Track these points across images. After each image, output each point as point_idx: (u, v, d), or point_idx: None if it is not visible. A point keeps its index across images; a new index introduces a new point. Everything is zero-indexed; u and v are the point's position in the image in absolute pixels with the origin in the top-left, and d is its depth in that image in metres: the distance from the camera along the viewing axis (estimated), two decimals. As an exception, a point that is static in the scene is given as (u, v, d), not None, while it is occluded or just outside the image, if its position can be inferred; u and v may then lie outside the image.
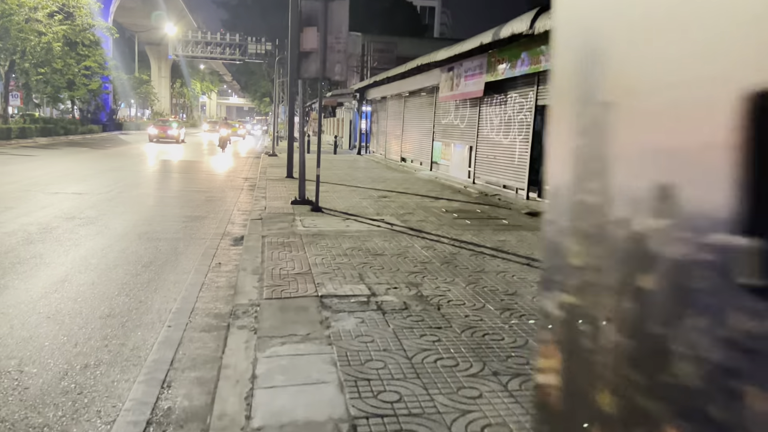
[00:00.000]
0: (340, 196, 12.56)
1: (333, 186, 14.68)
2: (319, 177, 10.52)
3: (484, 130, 15.27)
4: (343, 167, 21.44)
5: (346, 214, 10.13)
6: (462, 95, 16.15)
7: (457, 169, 17.58)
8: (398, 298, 5.12)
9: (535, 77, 12.38)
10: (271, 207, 10.70)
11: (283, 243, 7.42)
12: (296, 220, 9.23)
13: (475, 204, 12.10)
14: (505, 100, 14.01)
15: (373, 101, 30.08)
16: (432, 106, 19.84)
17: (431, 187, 15.36)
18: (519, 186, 13.18)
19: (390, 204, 11.59)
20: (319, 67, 10.13)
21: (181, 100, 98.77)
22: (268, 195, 12.57)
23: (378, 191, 13.86)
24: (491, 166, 14.76)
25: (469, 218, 10.08)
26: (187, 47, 54.46)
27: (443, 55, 15.99)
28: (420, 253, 7.05)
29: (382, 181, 16.36)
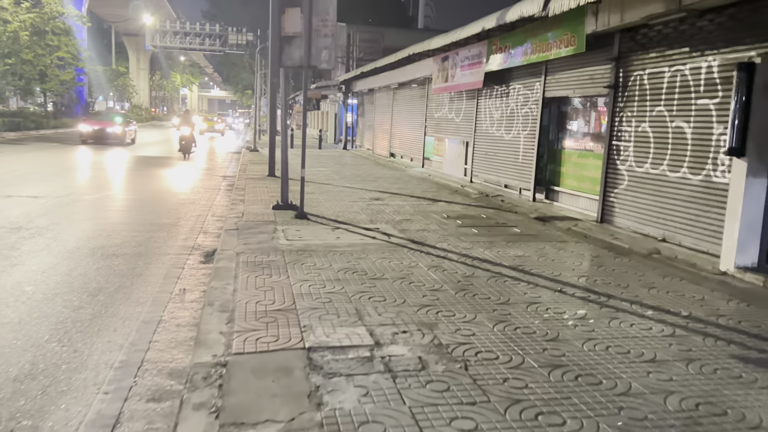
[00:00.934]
0: (328, 199, 11.32)
1: (319, 186, 13.42)
2: (304, 179, 9.26)
3: (482, 125, 14.08)
4: (330, 163, 20.17)
5: (335, 221, 8.89)
6: (458, 87, 14.95)
7: (452, 166, 16.39)
8: (410, 349, 3.91)
9: (542, 66, 11.20)
10: (249, 213, 9.43)
11: (261, 263, 6.18)
12: (278, 230, 7.98)
13: (477, 207, 10.92)
14: (507, 91, 12.82)
15: (360, 93, 28.78)
16: (424, 99, 18.62)
17: (426, 186, 14.16)
18: (524, 186, 12.02)
19: (384, 208, 10.36)
20: (303, 54, 8.86)
21: (161, 92, 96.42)
22: (246, 197, 11.29)
23: (369, 192, 12.63)
24: (491, 163, 13.59)
25: (475, 225, 8.89)
26: (165, 38, 52.52)
27: (438, 43, 14.76)
28: (427, 276, 5.85)
29: (373, 180, 15.13)
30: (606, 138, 9.13)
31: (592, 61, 9.62)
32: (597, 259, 6.96)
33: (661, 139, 7.95)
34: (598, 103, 10.04)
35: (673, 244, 7.56)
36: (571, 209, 10.41)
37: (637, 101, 8.47)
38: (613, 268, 6.49)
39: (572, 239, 8.15)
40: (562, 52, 9.97)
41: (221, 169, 19.39)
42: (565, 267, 6.46)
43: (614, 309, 4.99)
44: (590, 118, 10.36)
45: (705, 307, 5.17)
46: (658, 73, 8.07)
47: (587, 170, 10.10)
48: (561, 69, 10.60)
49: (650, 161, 8.17)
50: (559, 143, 11.15)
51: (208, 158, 24.38)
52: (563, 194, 10.88)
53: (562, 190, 10.91)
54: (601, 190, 9.18)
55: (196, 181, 15.60)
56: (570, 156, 10.70)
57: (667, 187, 7.82)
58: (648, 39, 8.28)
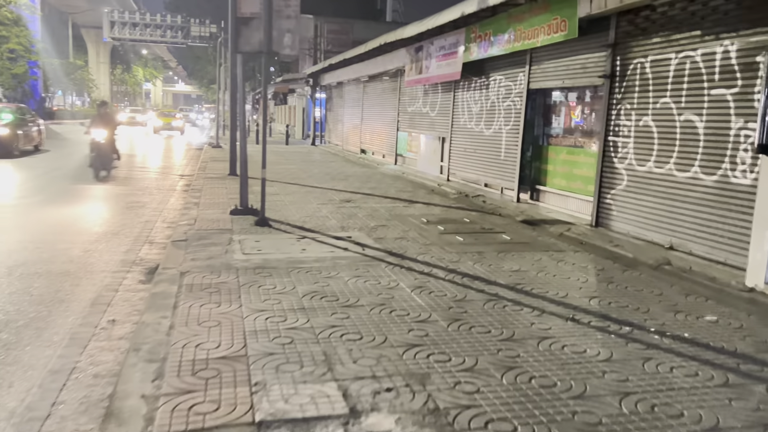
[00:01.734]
0: (294, 201, 10.25)
1: (284, 186, 12.32)
2: (265, 181, 8.18)
3: (460, 119, 13.15)
4: (297, 160, 19.05)
5: (300, 228, 7.84)
6: (433, 78, 13.98)
7: (427, 163, 15.45)
8: (398, 419, 2.91)
9: (526, 55, 10.30)
10: (203, 219, 8.32)
11: (209, 286, 5.11)
12: (234, 241, 6.89)
13: (458, 209, 9.98)
14: (487, 83, 11.90)
15: (329, 87, 27.64)
16: (396, 92, 17.63)
17: (400, 185, 13.18)
18: (506, 185, 11.12)
19: (356, 212, 9.34)
20: (263, 38, 7.79)
21: (123, 87, 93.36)
22: (203, 200, 10.15)
23: (339, 192, 11.59)
24: (470, 161, 12.67)
25: (460, 232, 7.94)
26: (125, 29, 50.38)
27: (412, 32, 13.76)
28: (411, 301, 4.86)
29: (343, 179, 14.08)
30: (601, 133, 8.27)
31: (585, 49, 8.74)
32: (603, 274, 6.06)
33: (667, 134, 7.10)
34: (591, 94, 9.18)
35: (683, 253, 6.71)
36: (560, 211, 9.54)
37: (638, 92, 7.60)
38: (625, 285, 5.59)
39: (569, 247, 7.26)
40: (550, 39, 9.07)
41: (179, 167, 18.11)
42: (569, 285, 5.53)
43: (643, 344, 4.07)
44: (582, 111, 9.49)
45: (749, 338, 4.28)
46: (662, 61, 7.20)
47: (578, 168, 9.24)
48: (548, 58, 9.71)
49: (654, 159, 7.31)
50: (545, 139, 10.27)
51: (165, 155, 23.00)
52: (550, 194, 10.01)
53: (549, 189, 10.04)
54: (596, 190, 8.32)
55: (150, 180, 14.34)
56: (558, 153, 9.83)
57: (674, 188, 6.97)
58: (651, 22, 7.41)
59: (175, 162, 19.96)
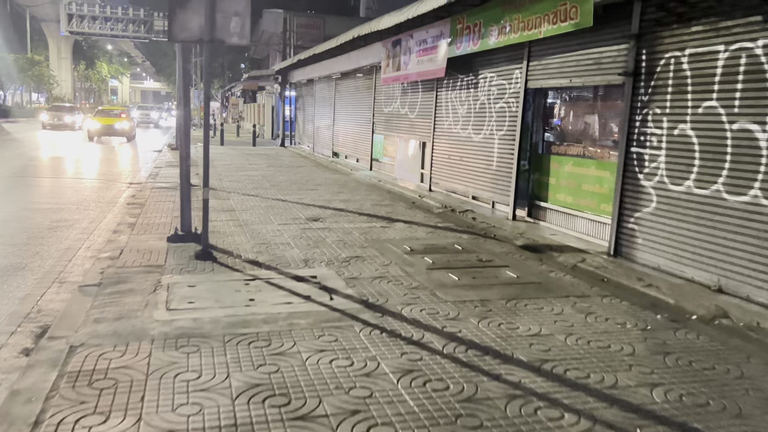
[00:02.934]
0: (251, 220, 8.62)
1: (243, 199, 10.67)
2: (208, 203, 6.52)
3: (444, 122, 11.64)
4: (262, 165, 17.36)
5: (253, 263, 6.24)
6: (412, 76, 12.45)
7: (406, 170, 13.92)
8: None
9: (524, 50, 8.83)
10: (133, 248, 6.67)
11: (104, 374, 3.50)
12: (161, 287, 5.26)
13: (446, 230, 8.47)
14: (476, 82, 10.40)
15: (299, 85, 25.94)
16: (371, 91, 16.06)
17: (377, 197, 11.62)
18: (499, 200, 9.64)
19: (325, 235, 7.76)
20: (203, 23, 6.15)
21: (88, 84, 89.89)
22: (141, 219, 8.47)
23: (307, 207, 9.99)
24: (456, 170, 11.17)
25: (453, 266, 6.41)
26: (84, 23, 47.84)
27: (388, 23, 12.20)
28: (399, 404, 3.31)
29: (312, 188, 12.48)
30: (621, 143, 6.82)
31: (600, 41, 7.28)
32: (650, 336, 4.57)
33: (714, 146, 5.67)
34: (607, 96, 7.75)
35: (739, 299, 5.29)
36: (565, 233, 8.09)
37: (672, 93, 6.16)
38: (688, 359, 4.12)
39: (591, 289, 5.78)
40: (556, 29, 7.60)
41: (132, 172, 16.26)
42: (613, 361, 4.03)
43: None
44: (594, 115, 8.05)
45: None
46: (706, 55, 5.76)
47: (588, 183, 7.79)
48: (552, 52, 8.24)
49: (695, 177, 5.87)
50: (546, 147, 8.81)
51: (115, 159, 21.06)
52: (552, 212, 8.55)
53: (551, 206, 8.59)
54: (615, 212, 6.87)
55: (91, 190, 12.54)
56: (562, 164, 8.37)
57: (724, 214, 5.55)
58: (689, 7, 5.97)
59: (126, 167, 18.06)
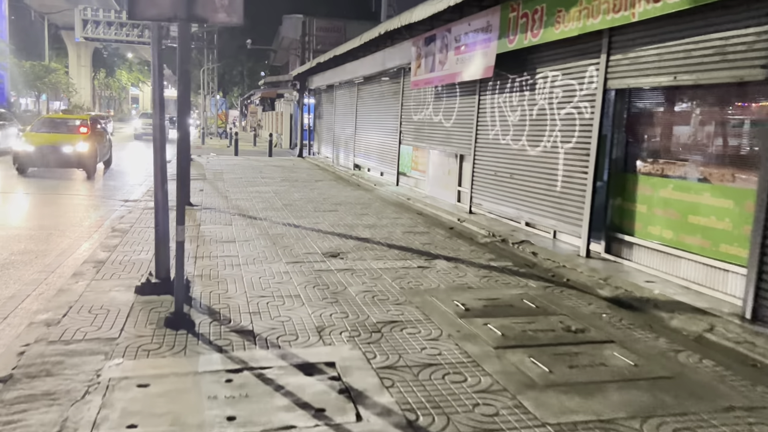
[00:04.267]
0: (252, 255, 6.77)
1: (248, 224, 8.85)
2: (183, 248, 4.65)
3: (488, 132, 9.72)
4: (276, 179, 15.57)
5: (243, 334, 4.36)
6: (450, 77, 10.57)
7: (439, 186, 12.02)
8: None
9: (602, 40, 6.90)
10: (86, 304, 4.85)
11: None
12: (96, 386, 3.40)
13: (502, 272, 6.53)
14: (532, 82, 8.48)
15: (318, 91, 24.20)
16: (397, 96, 14.20)
17: (408, 220, 9.72)
18: (566, 230, 7.67)
19: (347, 283, 5.87)
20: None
21: (108, 91, 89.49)
22: (115, 255, 6.68)
23: (324, 237, 8.12)
24: (504, 189, 9.23)
25: (531, 343, 4.47)
26: (99, 29, 46.80)
27: (422, 14, 10.32)
28: None
29: (331, 209, 10.63)
30: (765, 164, 4.85)
31: (725, 22, 5.33)
32: None
33: None
34: (733, 96, 5.78)
35: None
36: (664, 278, 6.11)
37: None
38: None
39: (751, 385, 3.81)
40: (660, 8, 5.66)
41: (132, 187, 14.54)
42: None
43: None
44: (710, 124, 6.08)
45: None
46: None
47: (701, 214, 5.81)
48: (645, 40, 6.29)
49: None
50: (633, 164, 6.84)
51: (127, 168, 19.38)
52: (643, 250, 6.57)
53: (640, 242, 6.61)
54: (755, 258, 4.88)
55: (78, 208, 10.82)
56: (658, 187, 6.40)
57: None
58: None
59: (132, 179, 16.36)
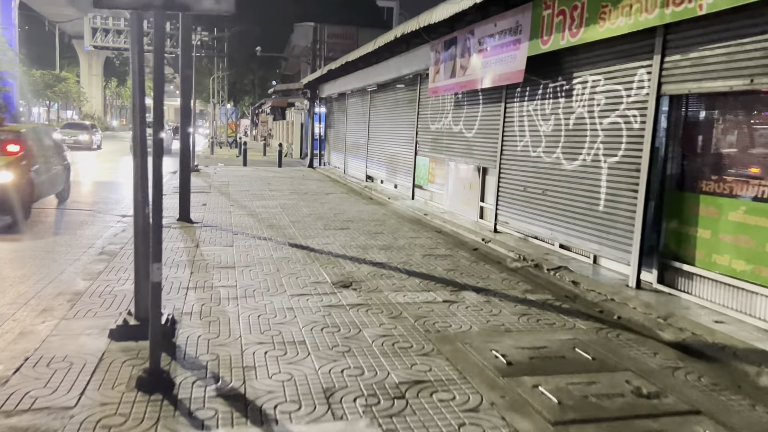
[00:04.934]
0: (252, 286, 5.88)
1: (250, 244, 7.98)
2: (159, 290, 3.78)
3: (516, 143, 8.83)
4: (285, 191, 14.74)
5: (232, 400, 3.46)
6: (473, 83, 9.69)
7: (459, 201, 11.12)
8: None
9: (655, 38, 6.00)
10: (47, 354, 3.99)
11: None
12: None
13: (543, 307, 5.60)
14: (569, 88, 7.58)
15: (329, 99, 23.42)
16: (413, 104, 13.35)
17: (427, 240, 8.82)
18: (610, 254, 6.73)
19: (360, 323, 4.96)
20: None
21: (119, 101, 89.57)
22: (95, 285, 5.84)
23: (334, 261, 7.23)
24: (534, 206, 8.31)
25: (596, 415, 3.54)
26: (108, 37, 46.47)
27: (443, 14, 9.44)
28: None
29: (342, 227, 9.75)
30: None
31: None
32: None
33: None
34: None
35: None
36: (733, 316, 5.16)
37: None
38: None
39: None
40: None
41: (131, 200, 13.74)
42: None
43: None
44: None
45: None
46: None
47: (782, 244, 4.87)
48: (712, 38, 5.38)
49: None
50: (693, 182, 5.91)
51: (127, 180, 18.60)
52: (707, 282, 5.62)
53: (702, 272, 5.66)
54: None
55: (71, 224, 10.00)
56: (726, 209, 5.46)
57: None
58: None
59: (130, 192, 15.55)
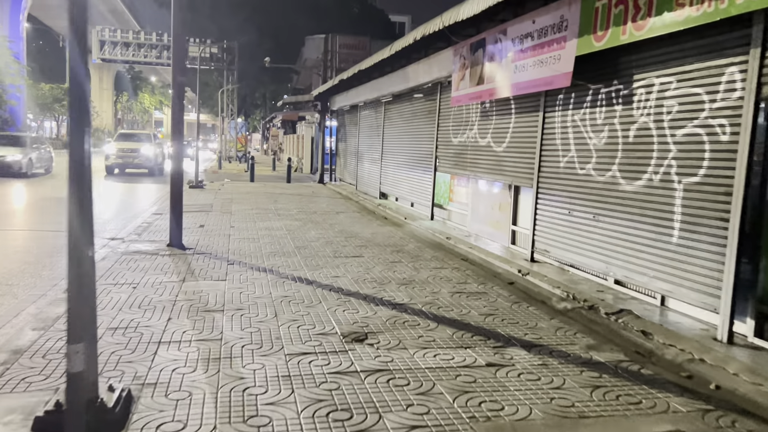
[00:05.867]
0: (240, 340, 4.59)
1: (246, 278, 6.72)
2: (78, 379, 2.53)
3: (558, 158, 7.56)
4: (292, 210, 13.52)
5: None
6: (507, 89, 8.45)
7: (486, 223, 9.85)
8: None
9: (752, 26, 4.74)
10: None
11: None
12: None
13: (615, 374, 4.29)
14: (628, 93, 6.31)
15: (341, 112, 22.29)
16: (433, 116, 12.14)
17: (454, 272, 7.53)
18: (689, 298, 5.41)
19: (381, 402, 3.65)
20: None
21: (130, 115, 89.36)
22: (41, 340, 4.59)
23: (344, 301, 5.95)
24: (583, 233, 7.01)
25: None
26: (116, 50, 45.82)
27: (472, 10, 8.19)
28: None
29: (354, 254, 8.49)
30: None
31: None
32: None
33: None
34: None
35: None
36: None
37: None
38: None
39: None
40: None
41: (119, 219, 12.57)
42: None
43: None
44: None
45: None
46: None
47: None
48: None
49: None
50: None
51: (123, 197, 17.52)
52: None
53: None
54: None
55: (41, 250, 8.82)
56: None
57: None
58: None
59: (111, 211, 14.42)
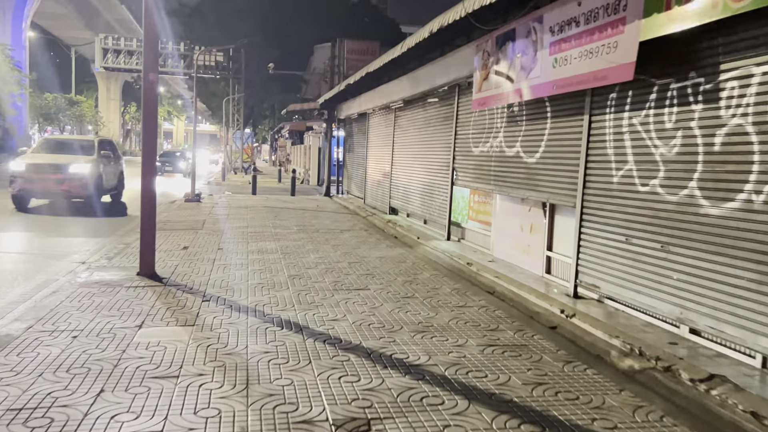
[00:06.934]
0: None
1: (221, 321, 5.28)
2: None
3: (611, 171, 6.11)
4: (292, 228, 12.13)
5: None
6: (540, 89, 7.04)
7: (512, 246, 8.41)
8: None
9: None
10: None
11: None
12: None
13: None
14: (713, 87, 4.85)
15: (348, 120, 20.97)
16: (449, 122, 10.74)
17: (481, 312, 6.09)
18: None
19: None
20: None
21: (138, 125, 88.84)
22: None
23: (340, 359, 4.50)
24: (647, 267, 5.54)
25: None
26: (119, 58, 44.95)
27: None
28: None
29: (357, 286, 7.06)
30: None
31: None
32: None
33: None
34: None
35: None
36: None
37: None
38: None
39: None
40: None
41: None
42: None
43: None
44: None
45: None
46: None
47: None
48: None
49: None
50: None
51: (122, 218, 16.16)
52: None
53: None
54: None
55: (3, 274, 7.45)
56: None
57: None
58: None
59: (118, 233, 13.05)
